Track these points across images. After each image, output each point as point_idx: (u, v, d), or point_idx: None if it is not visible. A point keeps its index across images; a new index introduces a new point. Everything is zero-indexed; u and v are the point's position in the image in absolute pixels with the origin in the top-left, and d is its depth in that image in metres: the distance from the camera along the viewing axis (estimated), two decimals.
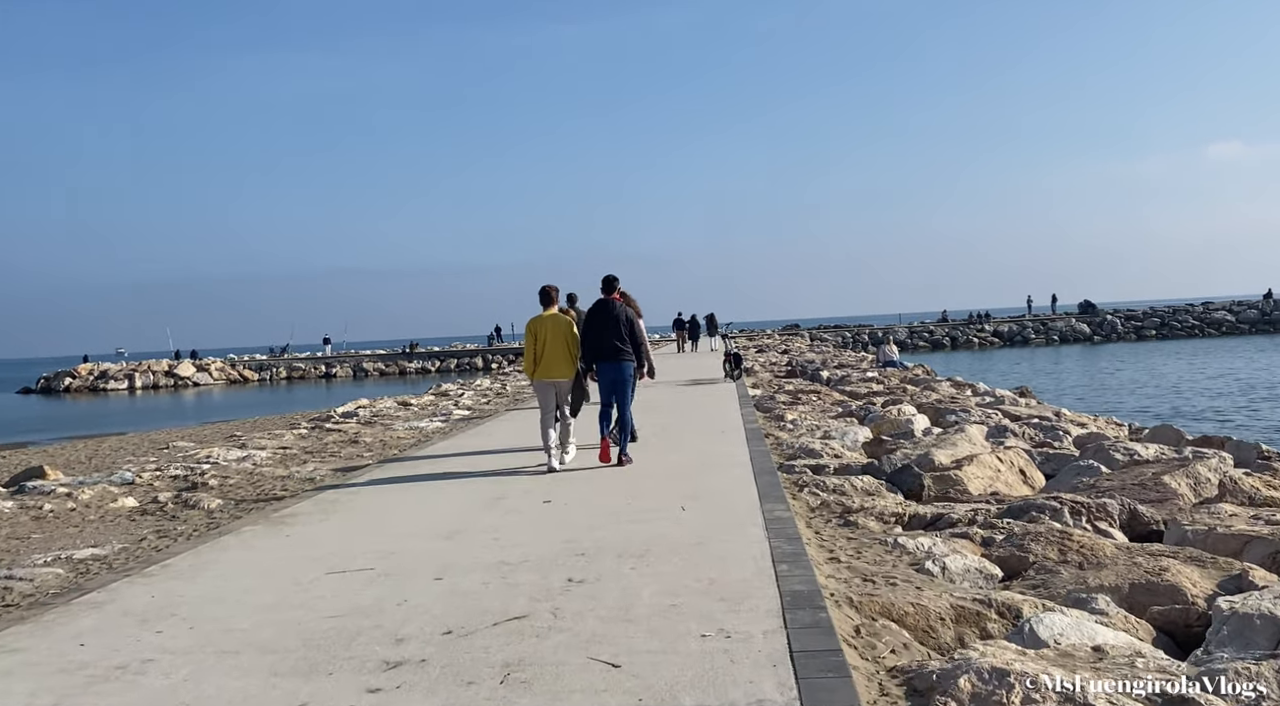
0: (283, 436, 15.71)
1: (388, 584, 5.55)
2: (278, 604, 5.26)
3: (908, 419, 12.62)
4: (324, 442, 14.52)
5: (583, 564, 5.76)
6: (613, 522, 6.96)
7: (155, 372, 67.79)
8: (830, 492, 8.44)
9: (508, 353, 67.49)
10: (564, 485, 8.81)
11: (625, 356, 10.03)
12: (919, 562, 6.02)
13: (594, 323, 10.05)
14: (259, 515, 8.21)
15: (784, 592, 4.94)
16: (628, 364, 10.08)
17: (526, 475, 9.43)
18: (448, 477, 9.60)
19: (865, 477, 8.86)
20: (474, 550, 6.31)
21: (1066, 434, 11.44)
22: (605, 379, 10.15)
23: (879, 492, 8.53)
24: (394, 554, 6.30)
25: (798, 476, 9.12)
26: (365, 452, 12.91)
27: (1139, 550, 6.13)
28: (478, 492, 8.61)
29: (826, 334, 68.56)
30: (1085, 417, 13.06)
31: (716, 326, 42.70)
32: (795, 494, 8.33)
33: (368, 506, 8.23)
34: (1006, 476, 9.20)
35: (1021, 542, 6.26)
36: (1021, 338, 68.60)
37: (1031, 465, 9.61)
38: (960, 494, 8.62)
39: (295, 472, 11.18)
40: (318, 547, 6.64)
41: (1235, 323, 68.59)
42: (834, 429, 12.36)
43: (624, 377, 10.10)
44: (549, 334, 9.81)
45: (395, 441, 14.04)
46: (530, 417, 16.38)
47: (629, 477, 9.06)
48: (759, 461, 9.65)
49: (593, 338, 10.01)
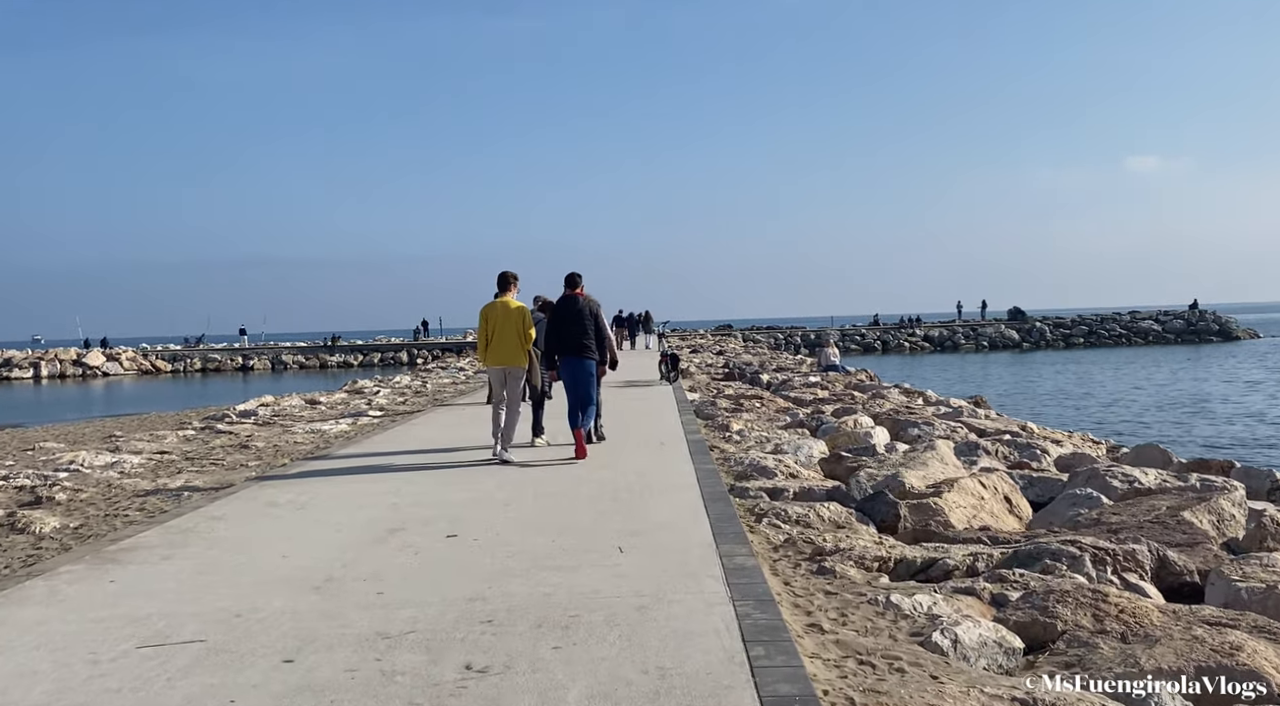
0: (165, 438, 13.89)
1: (215, 669, 4.03)
2: (47, 702, 3.73)
3: (866, 432, 11.39)
4: (209, 447, 12.79)
5: (488, 638, 4.31)
6: (532, 569, 5.52)
7: (63, 362, 64.25)
8: (794, 524, 7.11)
9: (434, 348, 65.33)
10: (475, 511, 7.32)
11: (589, 352, 10.06)
12: (922, 632, 4.70)
13: (559, 318, 10.06)
14: (89, 548, 6.57)
15: (764, 698, 3.56)
16: (591, 360, 10.09)
17: (429, 502, 7.90)
18: (338, 497, 8.07)
19: (831, 505, 7.55)
20: (348, 611, 4.82)
21: (1045, 453, 10.27)
22: (569, 374, 10.08)
23: (850, 524, 7.22)
24: (240, 616, 4.77)
25: (753, 502, 7.77)
26: (252, 461, 11.24)
27: (1192, 618, 4.90)
28: (370, 520, 7.09)
29: (759, 335, 67.68)
30: (1059, 433, 11.93)
31: (652, 325, 41.36)
32: (753, 525, 6.97)
33: (227, 539, 6.64)
34: (992, 505, 7.98)
35: (1045, 604, 4.98)
36: (952, 343, 68.62)
37: (1017, 492, 8.40)
38: (942, 526, 7.36)
39: (163, 486, 9.49)
40: (144, 602, 5.08)
41: (1162, 332, 69.50)
42: (785, 441, 11.07)
43: (588, 373, 10.08)
44: (500, 320, 9.82)
45: (290, 447, 12.38)
46: (448, 419, 14.94)
47: (555, 501, 7.63)
48: (708, 483, 8.28)
49: (557, 333, 10.04)
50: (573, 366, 10.05)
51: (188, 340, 78.54)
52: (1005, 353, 65.25)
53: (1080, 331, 69.87)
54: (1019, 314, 74.31)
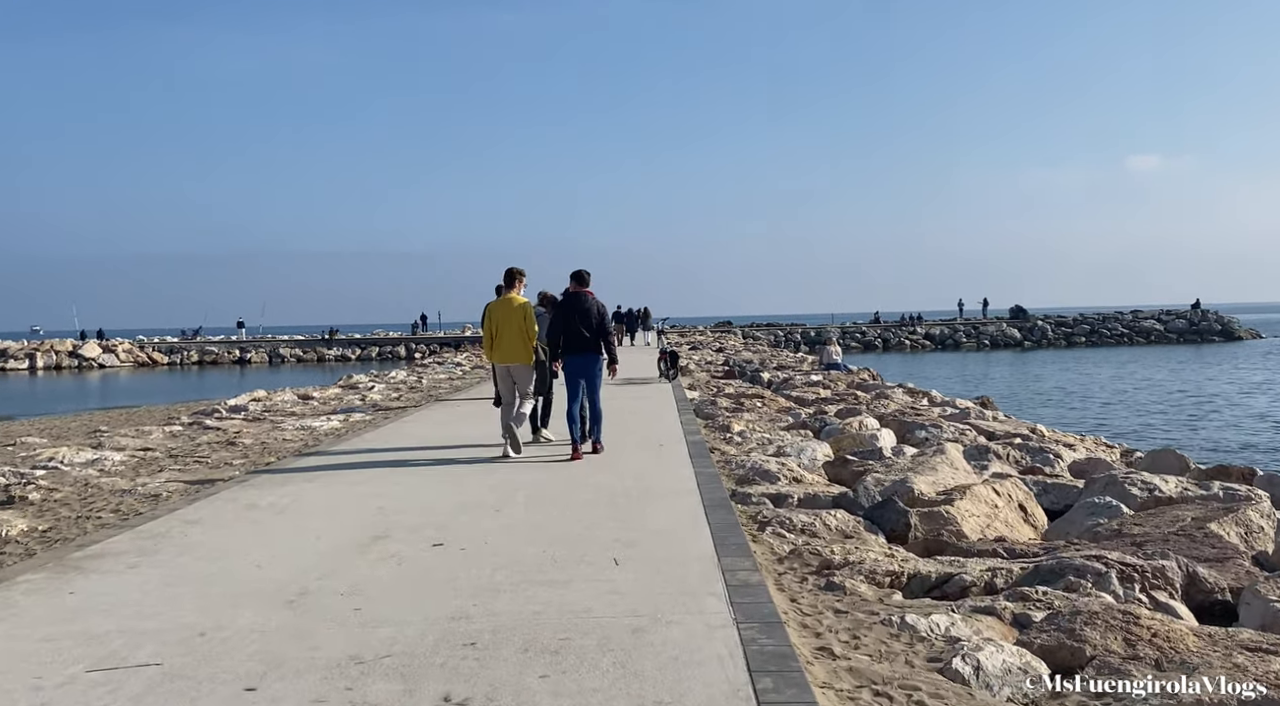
0: (151, 434, 13.52)
1: (168, 698, 3.67)
2: None
3: (872, 434, 11.02)
4: (195, 444, 12.43)
5: (471, 664, 3.96)
6: (521, 583, 5.16)
7: (59, 353, 63.67)
8: (799, 533, 6.76)
9: (433, 342, 64.93)
10: (464, 517, 6.97)
11: (594, 349, 9.88)
12: (941, 657, 4.35)
13: (565, 315, 9.85)
14: (53, 555, 6.21)
15: None
16: (597, 357, 9.91)
17: (417, 506, 7.54)
18: (323, 500, 7.71)
19: (838, 513, 7.20)
20: (321, 629, 4.46)
21: (1058, 458, 9.91)
22: (573, 371, 9.89)
23: (858, 534, 6.87)
24: (204, 635, 4.41)
25: (756, 509, 7.41)
26: (238, 459, 10.88)
27: (1230, 642, 4.54)
28: (353, 525, 6.73)
29: (759, 332, 67.22)
30: (1070, 436, 11.55)
31: (650, 321, 41.01)
32: (756, 535, 6.62)
33: (201, 545, 6.28)
34: (1006, 514, 7.62)
35: (1072, 626, 4.62)
36: (953, 341, 68.18)
37: (1031, 499, 8.05)
38: (954, 536, 7.01)
39: (141, 486, 9.12)
40: (103, 618, 4.72)
41: (1164, 332, 69.12)
42: (788, 443, 10.71)
43: (594, 371, 9.91)
44: (502, 318, 9.85)
45: (278, 445, 12.02)
46: (442, 416, 14.55)
47: (549, 507, 7.27)
48: (708, 488, 7.92)
49: (563, 330, 9.83)
50: (577, 365, 9.89)
51: (185, 332, 78.04)
52: (1007, 351, 64.86)
53: (1082, 330, 69.44)
54: (1021, 312, 73.86)
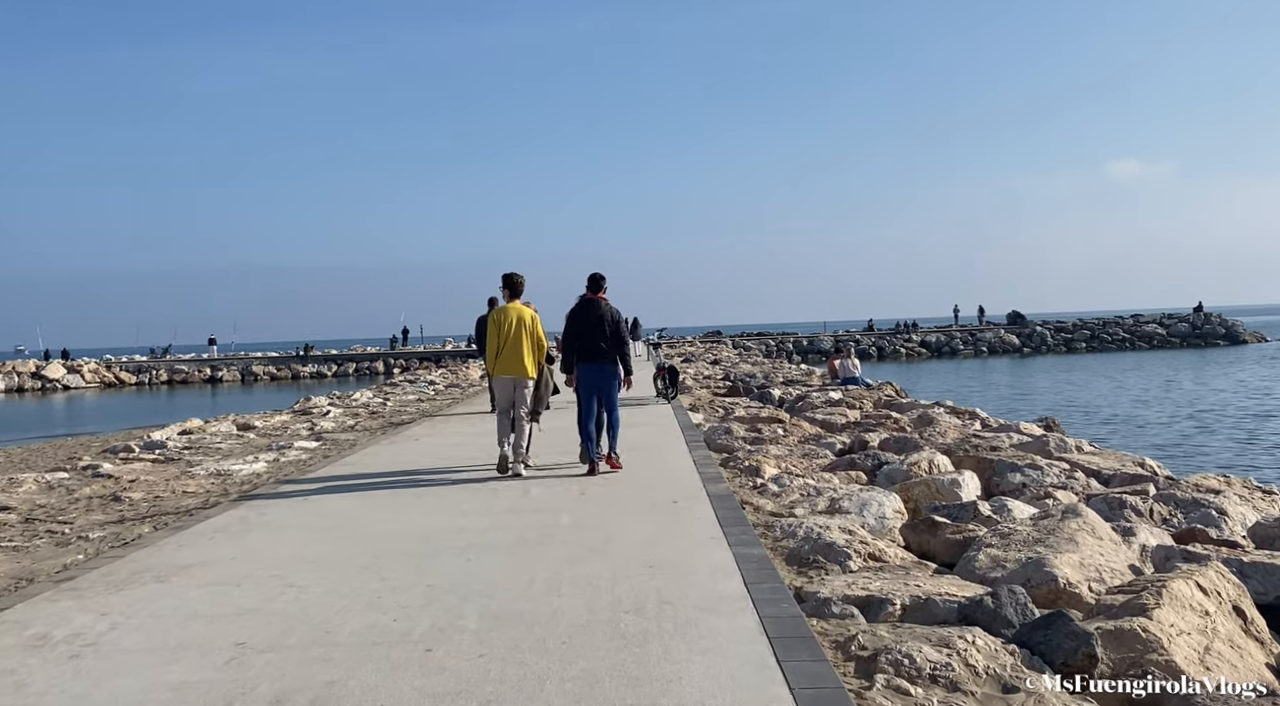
0: (22, 485, 10.67)
1: None
2: None
3: (951, 479, 8.31)
4: (71, 500, 9.64)
5: None
6: None
7: (21, 374, 60.27)
8: (931, 685, 4.05)
9: (412, 357, 62.03)
10: (368, 664, 4.22)
11: (610, 359, 9.45)
12: None
13: (579, 322, 9.40)
14: None
15: None
16: (613, 366, 9.48)
17: (302, 633, 4.79)
18: (158, 622, 4.95)
19: (977, 635, 4.50)
20: None
21: (1223, 514, 7.19)
22: (588, 382, 9.45)
23: (1019, 676, 4.17)
24: None
25: (841, 628, 4.70)
26: (109, 525, 8.07)
27: None
28: (179, 687, 3.98)
29: (750, 342, 64.59)
30: (1201, 477, 8.84)
31: (639, 332, 38.30)
32: (864, 693, 3.92)
33: None
34: (1223, 628, 4.93)
35: None
36: (949, 348, 65.83)
37: (1246, 597, 5.35)
38: (1163, 670, 4.33)
39: None
40: None
41: (1166, 336, 66.90)
42: (841, 492, 8.00)
43: (609, 381, 9.49)
44: (513, 327, 9.24)
45: (174, 500, 9.22)
46: (394, 453, 11.44)
47: (511, 638, 4.53)
48: (761, 588, 5.20)
49: (577, 338, 9.38)
50: (593, 374, 9.43)
51: (154, 351, 74.82)
52: (1005, 358, 62.51)
53: (1082, 336, 67.20)
54: (1019, 318, 71.62)
